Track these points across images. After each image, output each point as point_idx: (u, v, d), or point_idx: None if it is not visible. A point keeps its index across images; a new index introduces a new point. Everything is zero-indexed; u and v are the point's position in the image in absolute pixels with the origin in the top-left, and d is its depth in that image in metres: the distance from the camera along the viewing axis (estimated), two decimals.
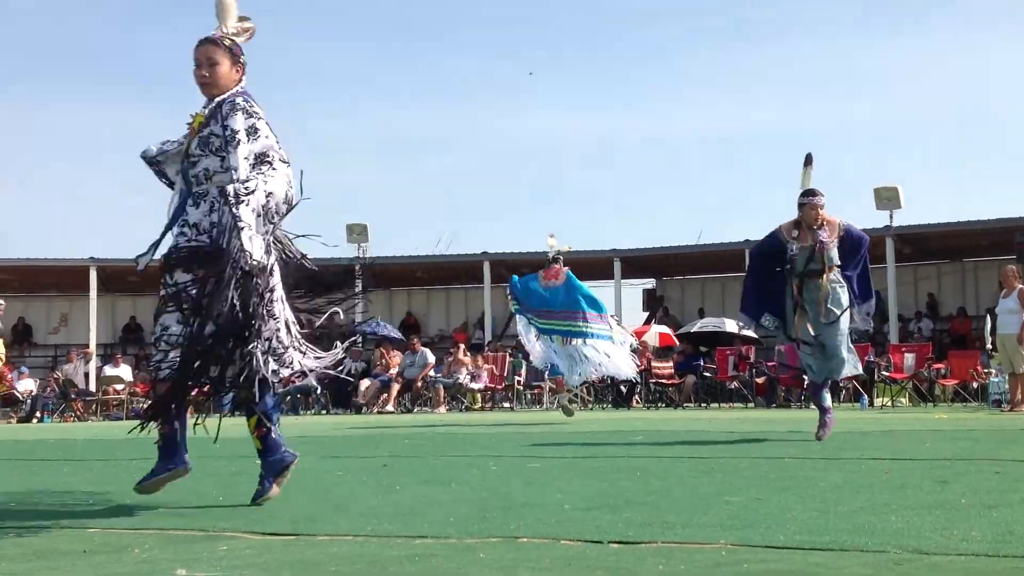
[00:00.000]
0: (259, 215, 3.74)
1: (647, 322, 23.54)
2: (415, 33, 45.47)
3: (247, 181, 3.75)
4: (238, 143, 3.86)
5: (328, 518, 3.65)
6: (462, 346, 20.23)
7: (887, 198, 20.82)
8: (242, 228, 3.67)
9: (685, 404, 18.29)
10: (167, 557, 2.96)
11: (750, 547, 2.83)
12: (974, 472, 4.78)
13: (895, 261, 21.07)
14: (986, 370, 16.16)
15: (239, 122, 3.91)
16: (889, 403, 16.38)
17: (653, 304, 25.86)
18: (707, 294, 26.22)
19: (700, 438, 7.69)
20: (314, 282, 4.30)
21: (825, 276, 7.06)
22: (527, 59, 45.11)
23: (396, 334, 22.33)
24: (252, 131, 3.91)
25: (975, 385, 16.69)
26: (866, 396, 16.36)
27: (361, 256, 24.46)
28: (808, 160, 7.49)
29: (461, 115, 45.17)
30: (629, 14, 43.46)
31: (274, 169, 3.85)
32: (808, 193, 7.27)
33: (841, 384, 17.66)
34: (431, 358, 19.73)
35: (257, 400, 4.00)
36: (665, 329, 20.95)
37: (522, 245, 29.64)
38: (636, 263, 24.99)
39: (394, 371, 19.45)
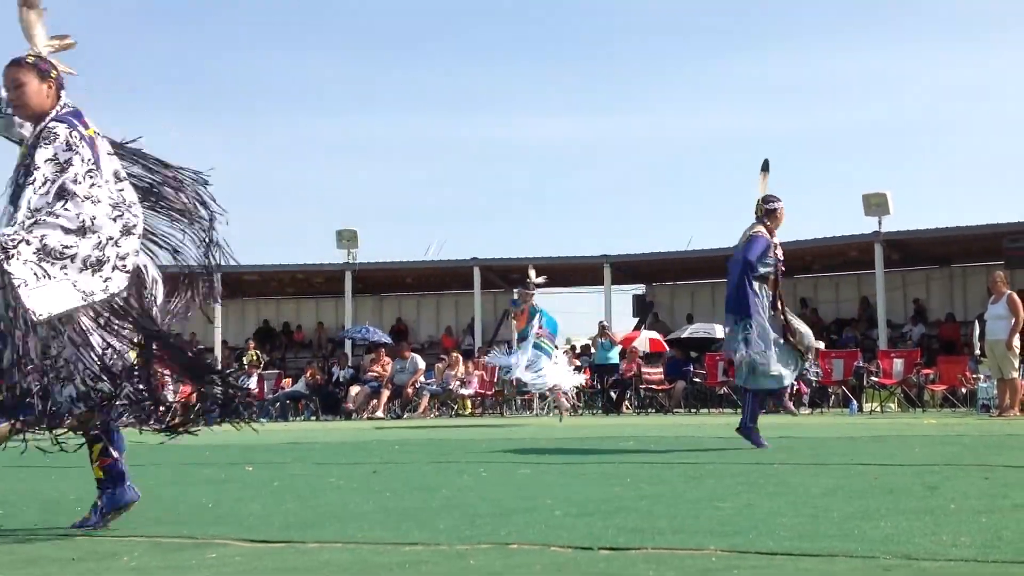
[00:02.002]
0: (55, 257, 3.45)
1: (637, 327, 23.57)
2: (406, 40, 45.51)
3: (14, 232, 3.43)
4: (34, 180, 3.55)
5: (318, 525, 3.65)
6: (455, 354, 20.25)
7: (876, 204, 20.86)
8: (16, 284, 3.35)
9: (675, 410, 18.31)
10: (157, 564, 2.95)
11: (740, 553, 2.84)
12: (963, 477, 4.79)
13: (884, 267, 21.12)
14: (975, 375, 16.20)
15: (47, 154, 3.62)
16: (878, 408, 16.41)
17: (643, 309, 25.89)
18: (697, 299, 26.25)
19: (690, 444, 7.70)
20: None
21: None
22: (518, 64, 45.19)
23: (386, 339, 22.30)
24: (65, 165, 3.60)
25: (964, 390, 16.74)
26: (855, 401, 16.40)
27: (351, 262, 24.45)
28: (766, 166, 7.59)
29: (451, 121, 45.21)
30: (620, 20, 43.58)
31: (66, 210, 3.52)
32: (777, 199, 7.47)
33: (830, 390, 17.74)
34: (421, 364, 19.70)
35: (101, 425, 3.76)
36: (655, 335, 20.99)
37: (512, 251, 29.66)
38: (626, 269, 25.01)
39: (383, 376, 19.44)
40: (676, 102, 45.13)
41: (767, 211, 7.38)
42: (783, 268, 7.48)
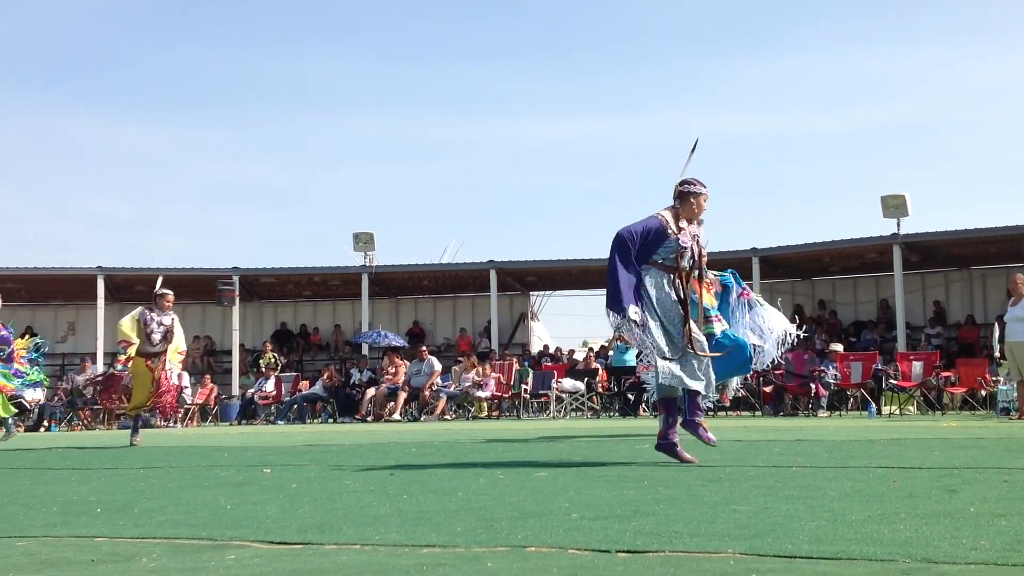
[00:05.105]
0: None
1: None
2: (422, 43, 45.61)
3: None
4: None
5: (336, 527, 3.65)
6: (473, 357, 20.29)
7: (894, 206, 20.78)
8: None
9: None
10: (175, 566, 2.96)
11: (758, 556, 2.83)
12: (982, 481, 4.76)
13: (903, 269, 21.03)
14: (994, 378, 16.11)
15: None
16: (897, 411, 16.35)
17: None
18: None
19: (707, 447, 7.67)
20: None
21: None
22: (533, 67, 45.21)
23: (401, 342, 22.34)
24: None
25: (983, 393, 16.65)
26: (874, 404, 16.33)
27: (368, 264, 24.52)
28: (694, 147, 6.51)
29: (467, 123, 45.27)
30: (637, 22, 43.54)
31: None
32: (698, 182, 6.37)
33: (849, 392, 17.66)
34: (438, 366, 19.76)
35: None
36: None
37: (528, 254, 29.66)
38: None
39: (401, 379, 19.48)
40: (693, 103, 45.09)
41: (679, 194, 6.32)
42: (700, 258, 6.37)
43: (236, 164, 45.58)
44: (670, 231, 6.20)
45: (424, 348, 20.81)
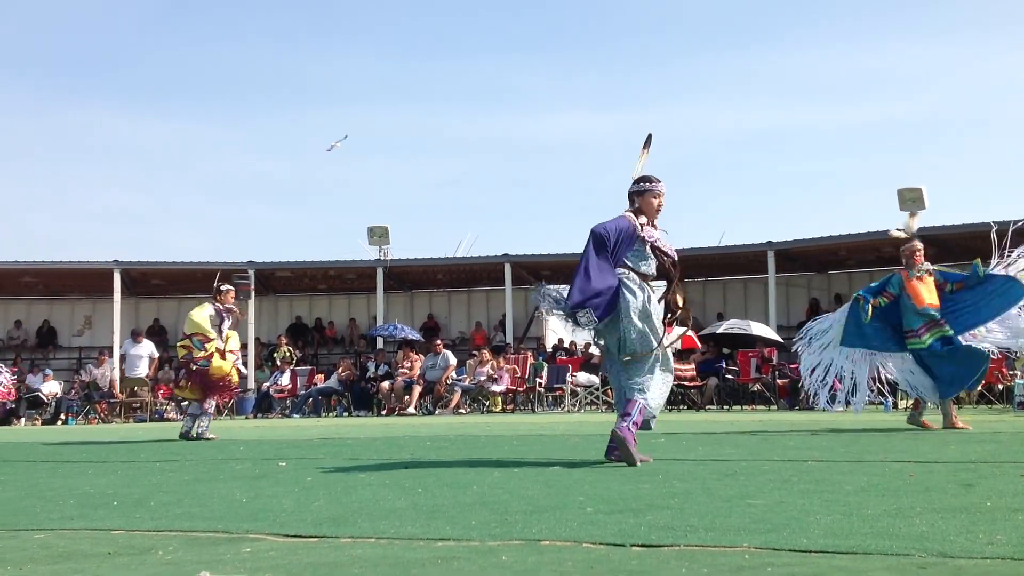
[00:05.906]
0: None
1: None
2: (436, 37, 45.62)
3: None
4: None
5: (351, 520, 3.66)
6: (488, 350, 20.30)
7: (911, 199, 20.66)
8: None
9: (707, 406, 18.23)
10: (191, 559, 2.97)
11: (773, 550, 2.82)
12: (999, 475, 4.74)
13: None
14: (1011, 372, 16.03)
15: None
16: (913, 405, 16.26)
17: None
18: (729, 296, 26.15)
19: (722, 441, 7.66)
20: None
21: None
22: (548, 61, 45.16)
23: (416, 336, 22.37)
24: None
25: (1000, 387, 16.56)
26: (890, 398, 16.25)
27: (383, 259, 24.55)
28: (648, 142, 6.19)
29: (483, 117, 45.27)
30: (650, 15, 43.44)
31: None
32: (653, 179, 6.03)
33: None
34: (453, 360, 19.77)
35: None
36: (687, 331, 20.89)
37: (543, 248, 29.62)
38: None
39: (416, 373, 19.51)
40: (707, 98, 44.97)
41: (636, 192, 6.02)
42: (674, 264, 6.18)
43: (250, 158, 45.73)
44: (641, 234, 5.95)
45: (439, 342, 20.81)
